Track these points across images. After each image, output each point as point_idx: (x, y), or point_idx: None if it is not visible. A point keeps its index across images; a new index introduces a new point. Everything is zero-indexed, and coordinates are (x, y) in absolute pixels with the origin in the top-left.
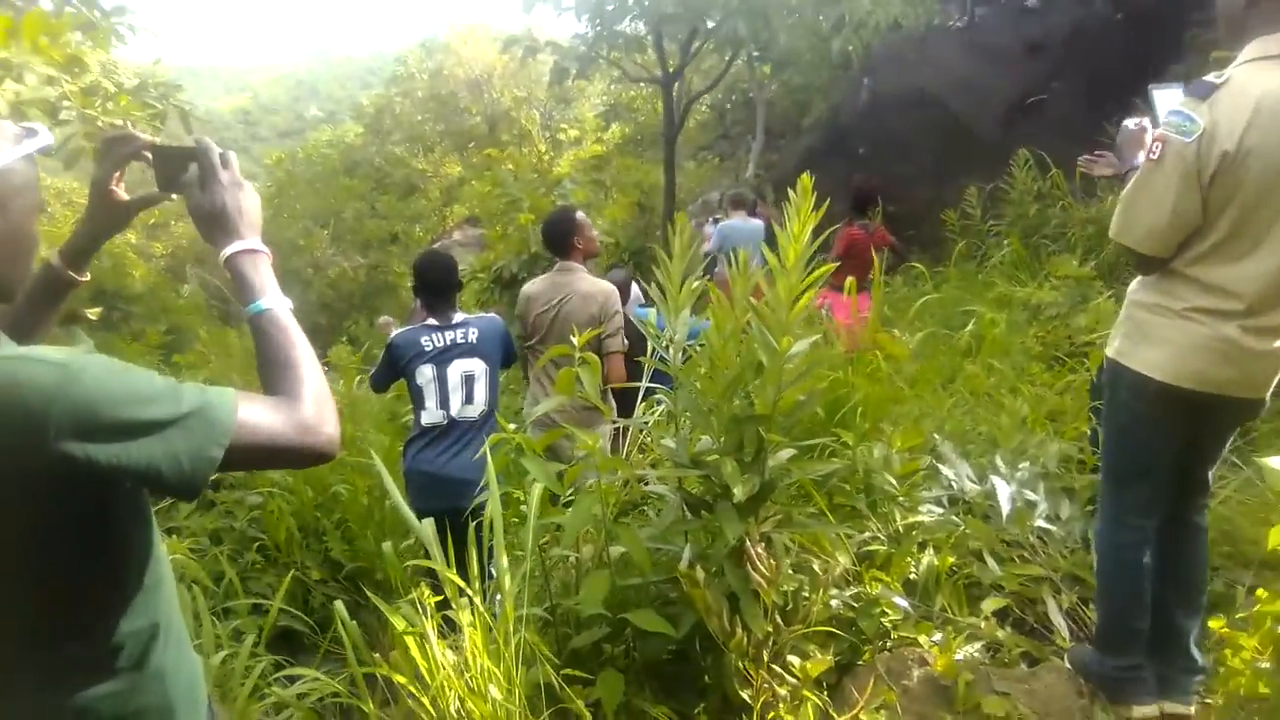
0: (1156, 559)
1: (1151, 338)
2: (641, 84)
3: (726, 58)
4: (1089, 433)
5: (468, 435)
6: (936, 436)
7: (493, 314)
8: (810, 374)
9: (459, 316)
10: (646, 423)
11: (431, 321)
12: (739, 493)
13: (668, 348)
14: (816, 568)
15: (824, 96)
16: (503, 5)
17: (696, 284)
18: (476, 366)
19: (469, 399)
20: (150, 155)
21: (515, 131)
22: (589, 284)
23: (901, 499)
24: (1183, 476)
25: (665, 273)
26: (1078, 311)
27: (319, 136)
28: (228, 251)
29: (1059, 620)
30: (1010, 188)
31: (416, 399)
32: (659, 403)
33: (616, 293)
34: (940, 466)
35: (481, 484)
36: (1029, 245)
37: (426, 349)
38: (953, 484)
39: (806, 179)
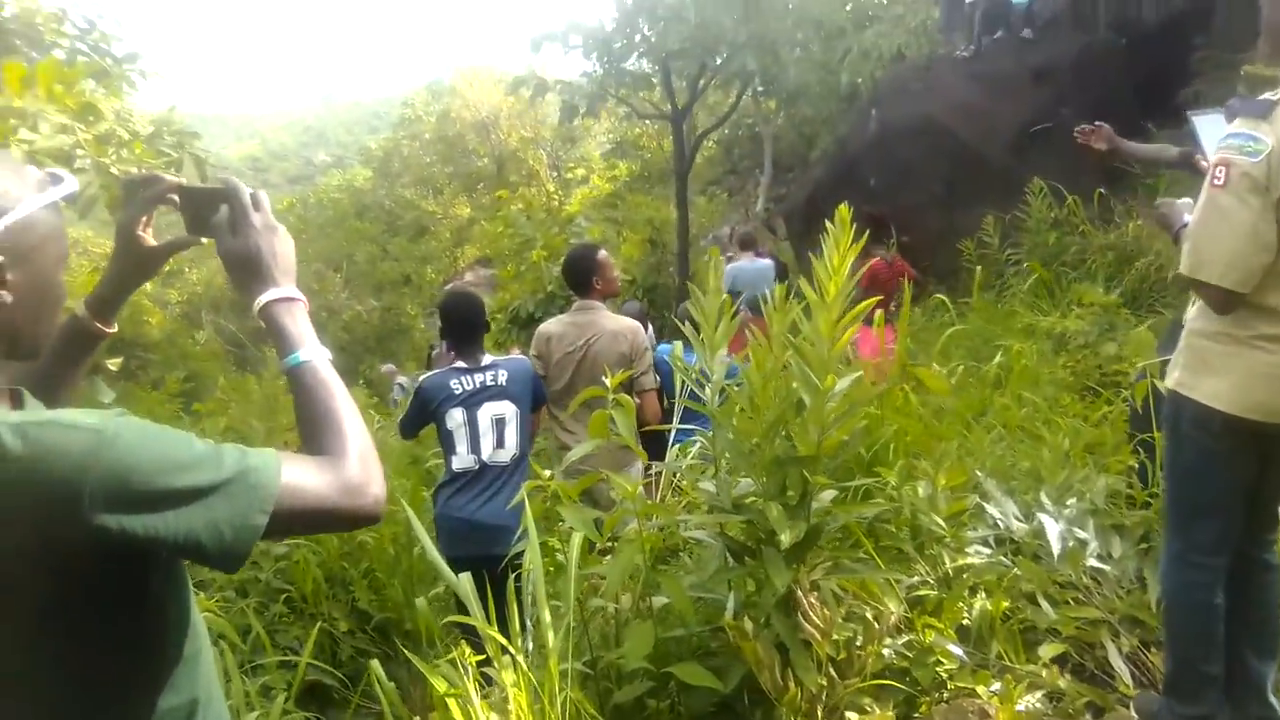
0: (1225, 600)
1: (1214, 367)
2: (649, 121)
3: (734, 93)
4: (1136, 466)
5: (500, 480)
6: (979, 473)
7: (520, 355)
8: (853, 412)
9: (487, 358)
10: (681, 465)
11: (459, 364)
12: (786, 538)
13: (704, 387)
14: (870, 616)
15: (830, 129)
16: (507, 48)
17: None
18: (507, 410)
19: (500, 443)
20: (178, 197)
21: (523, 172)
22: (615, 322)
23: (949, 540)
24: (1251, 512)
25: (699, 309)
26: (1106, 340)
27: (328, 181)
28: (263, 300)
29: (1120, 665)
30: (1027, 216)
31: (446, 444)
32: (694, 444)
33: (643, 329)
34: (985, 505)
35: (518, 531)
36: (1049, 273)
37: (456, 392)
38: (999, 523)
39: (844, 209)
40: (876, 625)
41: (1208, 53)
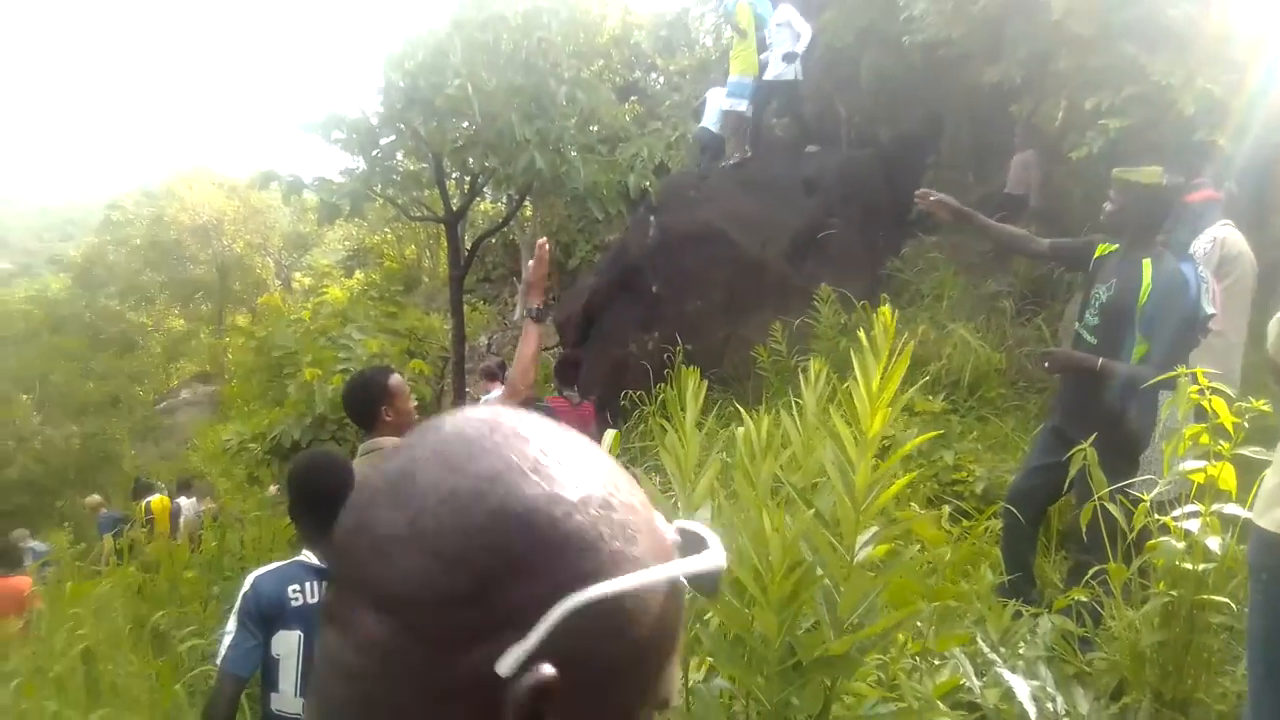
0: None
1: None
2: (388, 228)
3: (509, 194)
4: (1084, 601)
5: None
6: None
7: None
8: (890, 588)
9: None
10: None
11: (307, 558)
12: None
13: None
14: None
15: (588, 237)
16: (225, 150)
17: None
18: None
19: None
20: None
21: (249, 280)
22: None
23: None
24: None
25: (673, 446)
26: (938, 449)
27: (13, 293)
28: None
29: None
30: (816, 321)
31: (266, 674)
32: None
33: None
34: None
35: None
36: (842, 379)
37: (294, 603)
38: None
39: (887, 311)
40: None
41: (938, 171)
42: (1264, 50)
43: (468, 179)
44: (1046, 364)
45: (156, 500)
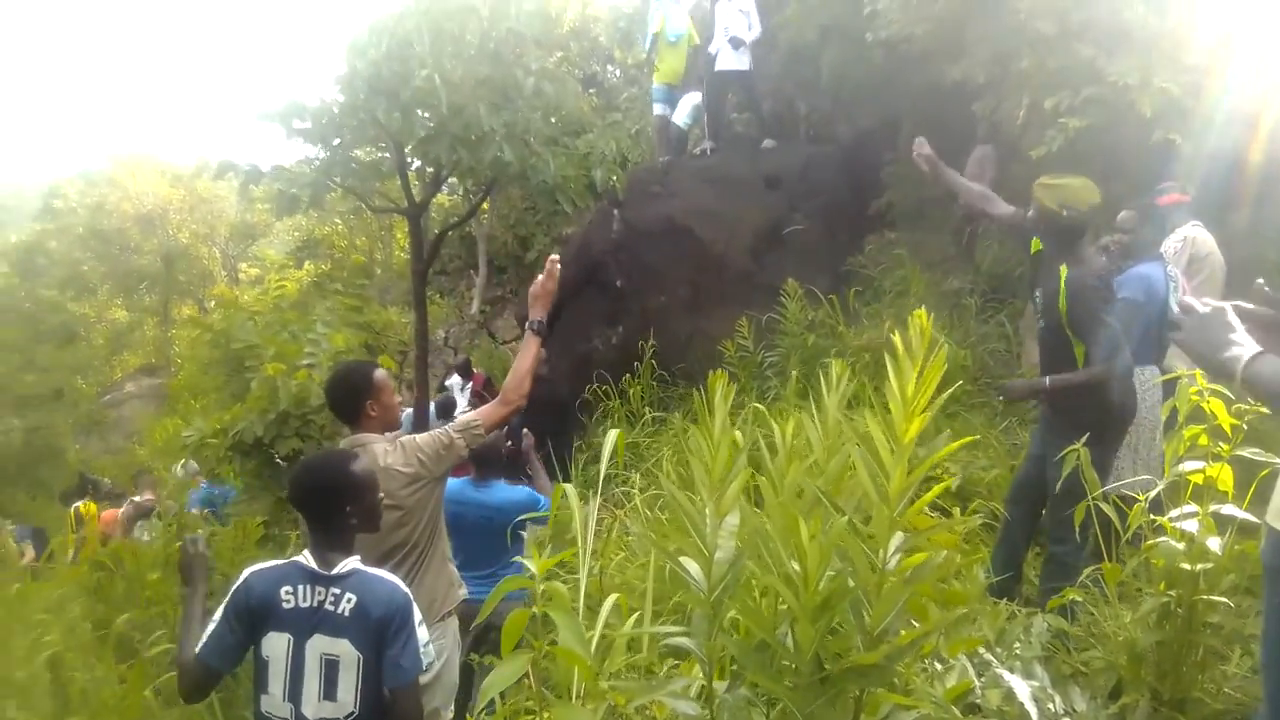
0: None
1: None
2: (339, 218)
3: (467, 187)
4: (1079, 600)
5: None
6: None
7: (393, 580)
8: (918, 594)
9: (348, 564)
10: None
11: (305, 560)
12: None
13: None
14: None
15: (545, 229)
16: (169, 138)
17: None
18: (343, 651)
19: (328, 694)
20: None
21: (195, 271)
22: (395, 459)
23: None
24: None
25: (700, 449)
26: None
27: None
28: None
29: None
30: (782, 317)
31: (258, 676)
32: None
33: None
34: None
35: None
36: (810, 375)
37: (284, 605)
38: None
39: (923, 314)
40: None
41: (896, 168)
42: (1221, 52)
43: (429, 170)
44: (1003, 397)
45: (83, 506)
